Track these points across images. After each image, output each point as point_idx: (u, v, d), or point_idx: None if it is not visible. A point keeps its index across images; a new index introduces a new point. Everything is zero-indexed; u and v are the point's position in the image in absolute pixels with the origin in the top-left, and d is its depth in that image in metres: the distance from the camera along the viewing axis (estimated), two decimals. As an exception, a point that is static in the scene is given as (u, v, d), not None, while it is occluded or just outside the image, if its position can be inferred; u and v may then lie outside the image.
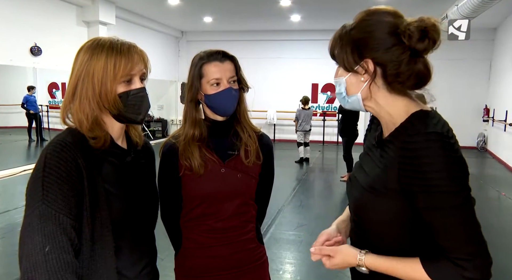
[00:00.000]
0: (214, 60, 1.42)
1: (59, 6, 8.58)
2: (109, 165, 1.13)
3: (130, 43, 1.16)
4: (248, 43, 13.05)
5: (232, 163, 1.46)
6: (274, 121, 13.05)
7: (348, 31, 1.03)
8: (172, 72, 13.47)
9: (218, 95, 1.41)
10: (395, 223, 1.00)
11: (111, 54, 1.10)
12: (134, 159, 1.22)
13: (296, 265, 3.87)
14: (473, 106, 11.82)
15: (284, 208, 5.70)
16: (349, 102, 1.07)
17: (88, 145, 1.09)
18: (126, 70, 1.11)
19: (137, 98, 1.14)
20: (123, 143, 1.22)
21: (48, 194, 0.98)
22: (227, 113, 1.45)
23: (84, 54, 1.12)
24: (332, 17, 10.75)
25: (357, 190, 1.08)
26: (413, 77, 0.98)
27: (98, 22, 9.24)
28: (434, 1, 8.13)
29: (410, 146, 0.92)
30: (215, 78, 1.40)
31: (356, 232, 1.13)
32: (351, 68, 1.02)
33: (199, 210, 1.45)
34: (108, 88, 1.09)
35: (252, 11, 10.20)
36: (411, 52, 0.97)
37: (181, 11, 10.33)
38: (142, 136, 1.30)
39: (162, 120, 13.65)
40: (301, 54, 13.06)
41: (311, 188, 7.30)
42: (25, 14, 7.52)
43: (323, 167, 9.49)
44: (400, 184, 0.95)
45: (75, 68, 1.12)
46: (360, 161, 1.17)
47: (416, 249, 1.00)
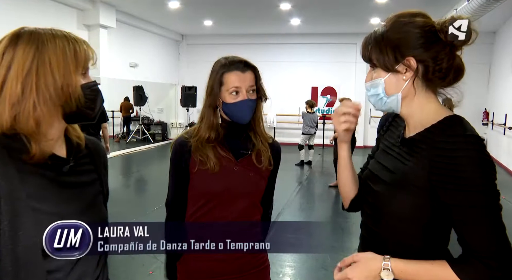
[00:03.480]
0: (235, 70, 1.44)
1: (60, 10, 8.61)
2: (39, 179, 0.95)
3: (80, 37, 1.02)
4: (248, 47, 13.06)
5: (245, 162, 1.48)
6: (274, 124, 13.06)
7: (383, 34, 1.06)
8: (172, 75, 13.49)
9: (235, 105, 1.44)
10: (414, 220, 1.03)
11: (68, 43, 0.96)
12: (75, 167, 1.04)
13: (296, 268, 3.87)
14: (472, 110, 11.81)
15: (284, 210, 5.70)
16: (386, 103, 1.09)
17: (11, 157, 0.92)
18: (86, 61, 0.99)
19: (94, 92, 1.00)
20: (61, 149, 1.04)
21: None
22: (242, 122, 1.48)
23: (27, 43, 0.93)
24: (332, 21, 10.80)
25: (378, 185, 1.11)
26: (452, 71, 1.03)
27: (99, 26, 9.29)
28: (434, 5, 8.16)
29: (449, 145, 0.96)
30: (235, 87, 1.43)
31: (370, 228, 1.14)
32: (392, 67, 1.05)
33: (208, 208, 1.46)
34: (72, 78, 0.95)
35: (252, 14, 10.24)
36: (449, 47, 1.03)
37: (181, 14, 10.37)
38: (83, 136, 1.11)
39: (162, 123, 13.66)
40: (301, 58, 13.10)
41: (312, 191, 7.30)
42: (25, 18, 7.54)
43: (323, 170, 9.49)
44: (430, 181, 0.98)
45: (15, 59, 0.92)
46: (375, 159, 1.19)
47: (429, 249, 1.03)
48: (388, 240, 1.08)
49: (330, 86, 12.95)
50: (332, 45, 12.74)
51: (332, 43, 12.78)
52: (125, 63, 11.17)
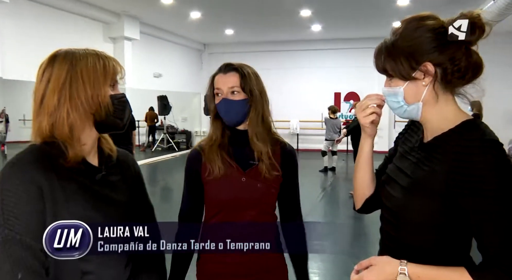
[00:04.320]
0: (219, 72, 1.50)
1: (87, 24, 8.91)
2: (75, 185, 1.04)
3: (110, 55, 1.13)
4: (270, 54, 13.14)
5: (252, 173, 1.48)
6: (297, 131, 13.03)
7: (394, 43, 1.05)
8: (195, 84, 13.68)
9: (218, 106, 1.48)
10: (432, 225, 1.02)
11: (98, 59, 1.07)
12: (106, 176, 1.12)
13: (320, 275, 3.84)
14: (503, 112, 11.49)
15: (308, 217, 5.67)
16: (407, 111, 1.08)
17: (52, 163, 1.01)
18: (114, 75, 1.08)
19: (122, 103, 1.10)
20: (94, 158, 1.13)
21: (10, 217, 0.92)
22: (230, 122, 1.49)
23: (63, 60, 1.05)
24: (353, 26, 10.73)
25: (396, 190, 1.10)
26: (471, 68, 1.02)
27: (123, 38, 9.55)
28: (457, 5, 8.02)
29: (466, 150, 0.95)
30: (217, 88, 1.48)
31: (390, 234, 1.13)
32: (409, 76, 1.03)
33: (219, 217, 1.48)
34: (101, 90, 1.05)
35: (272, 22, 10.30)
36: (465, 46, 1.01)
37: (202, 24, 10.53)
38: (115, 148, 1.21)
39: (186, 132, 13.84)
40: (323, 64, 13.05)
41: (336, 197, 7.24)
42: (56, 33, 7.82)
43: (348, 176, 9.39)
44: (447, 186, 0.97)
45: (53, 74, 1.04)
46: (395, 164, 1.18)
47: (449, 255, 1.01)
48: (406, 245, 1.06)
49: (353, 91, 12.84)
50: (354, 50, 12.65)
51: (354, 48, 12.69)
52: (149, 73, 11.41)
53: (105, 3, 8.79)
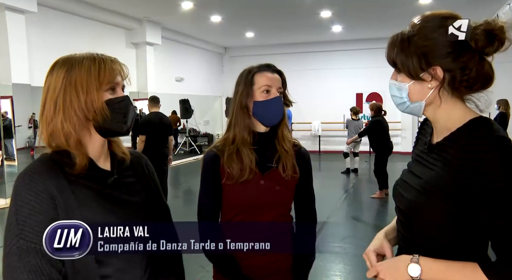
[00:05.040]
0: (265, 71, 1.50)
1: (110, 31, 9.14)
2: (87, 191, 1.05)
3: (111, 56, 1.11)
4: (290, 56, 13.12)
5: (271, 176, 1.49)
6: (319, 132, 12.96)
7: (410, 38, 1.03)
8: (217, 87, 13.80)
9: (268, 103, 1.47)
10: (444, 225, 1.01)
11: (94, 63, 1.05)
12: (120, 179, 1.13)
13: (341, 277, 3.81)
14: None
15: (330, 219, 5.64)
16: (409, 108, 1.07)
17: (63, 171, 1.02)
18: (111, 78, 1.06)
19: (122, 106, 1.08)
20: (105, 163, 1.13)
21: (24, 228, 0.93)
22: (273, 122, 1.49)
23: (61, 67, 1.05)
24: (374, 26, 10.62)
25: (408, 192, 1.09)
26: (480, 79, 0.99)
27: (145, 43, 9.73)
28: (484, 1, 7.82)
29: (473, 148, 0.93)
30: (267, 85, 1.47)
31: (405, 236, 1.13)
32: (416, 75, 1.02)
33: (237, 220, 1.50)
34: (94, 95, 1.03)
35: (292, 24, 10.30)
36: (479, 56, 0.98)
37: (223, 28, 10.62)
38: (127, 151, 1.20)
39: (208, 135, 13.95)
40: (344, 65, 12.96)
41: (358, 199, 7.16)
42: (78, 40, 8.04)
43: (370, 177, 9.28)
44: (457, 185, 0.96)
45: (52, 82, 1.05)
46: (408, 168, 1.18)
47: (464, 255, 1.00)
48: (421, 246, 1.05)
49: (375, 91, 12.69)
50: (375, 50, 12.49)
51: (375, 48, 12.52)
52: (171, 78, 11.58)
53: (127, 10, 9.00)
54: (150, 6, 8.67)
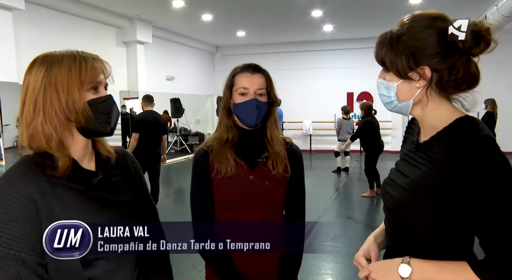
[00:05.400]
0: (245, 72, 1.50)
1: (100, 29, 9.05)
2: (71, 193, 1.01)
3: (92, 54, 1.07)
4: (282, 55, 13.14)
5: (260, 171, 1.50)
6: (310, 132, 13.00)
7: (399, 37, 1.03)
8: (208, 86, 13.76)
9: (243, 105, 1.48)
10: (431, 224, 1.02)
11: (75, 62, 1.01)
12: (105, 178, 1.10)
13: (333, 276, 3.82)
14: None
15: (321, 218, 5.65)
16: (397, 107, 1.08)
17: (45, 174, 0.99)
18: (93, 77, 1.02)
19: (106, 106, 1.04)
20: (90, 163, 1.10)
21: (3, 234, 0.91)
22: (249, 124, 1.50)
23: (40, 65, 1.01)
24: (365, 26, 10.67)
25: (396, 191, 1.10)
26: (467, 80, 1.01)
27: (136, 42, 9.66)
28: (473, 2, 7.90)
29: (458, 147, 0.94)
30: (243, 87, 1.48)
31: (392, 234, 1.13)
32: (405, 75, 1.03)
33: (227, 216, 1.49)
34: (76, 95, 0.99)
35: (284, 23, 10.30)
36: (466, 56, 1.00)
37: (214, 26, 10.59)
38: (112, 149, 1.17)
39: (199, 134, 13.90)
40: (335, 64, 13.01)
41: (349, 198, 7.20)
42: (68, 38, 7.95)
43: (361, 176, 9.33)
44: (443, 184, 0.97)
45: (31, 81, 1.00)
46: (396, 166, 1.19)
47: (451, 253, 1.01)
48: (408, 244, 1.07)
49: (366, 91, 12.75)
50: (366, 50, 12.51)
51: (366, 47, 12.56)
52: (162, 76, 11.51)
53: (117, 8, 8.92)
54: (141, 4, 8.60)
